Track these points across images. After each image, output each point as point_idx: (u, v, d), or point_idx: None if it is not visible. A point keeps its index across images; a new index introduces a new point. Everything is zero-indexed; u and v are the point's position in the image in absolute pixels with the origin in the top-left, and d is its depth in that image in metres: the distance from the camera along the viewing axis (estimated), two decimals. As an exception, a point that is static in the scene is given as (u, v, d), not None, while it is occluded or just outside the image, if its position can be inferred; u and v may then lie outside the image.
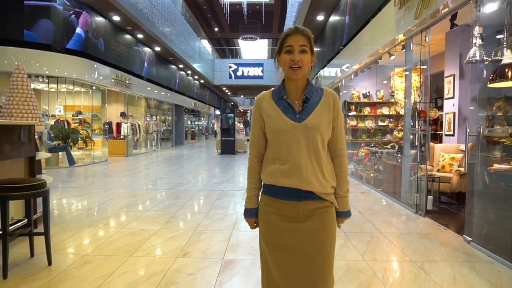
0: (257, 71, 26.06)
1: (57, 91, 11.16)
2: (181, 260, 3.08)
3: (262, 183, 1.59)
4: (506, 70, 3.76)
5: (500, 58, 3.96)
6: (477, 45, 4.32)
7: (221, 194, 6.16)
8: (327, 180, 1.50)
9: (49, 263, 2.93)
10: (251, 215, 1.60)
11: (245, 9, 24.05)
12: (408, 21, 4.86)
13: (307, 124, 1.47)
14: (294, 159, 1.46)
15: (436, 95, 8.55)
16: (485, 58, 4.27)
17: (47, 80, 10.40)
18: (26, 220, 3.33)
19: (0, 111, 3.96)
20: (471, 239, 3.57)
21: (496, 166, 3.82)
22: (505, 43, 3.88)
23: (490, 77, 4.00)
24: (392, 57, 6.74)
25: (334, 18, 10.82)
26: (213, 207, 5.15)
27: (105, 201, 5.46)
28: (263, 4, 24.37)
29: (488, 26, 4.05)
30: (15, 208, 3.73)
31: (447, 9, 4.11)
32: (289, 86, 1.54)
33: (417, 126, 6.48)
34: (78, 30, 9.90)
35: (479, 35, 4.32)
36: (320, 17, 11.50)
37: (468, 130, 3.85)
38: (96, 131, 13.07)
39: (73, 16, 9.75)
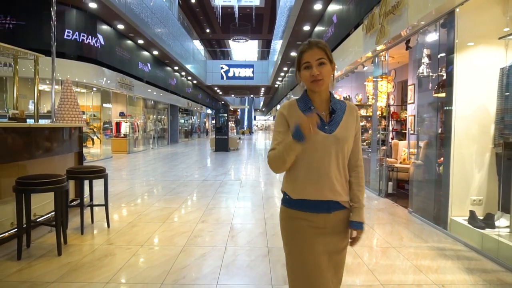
0: (248, 72, 27.18)
1: (59, 92, 12.12)
2: (201, 224, 4.29)
3: (287, 197, 1.55)
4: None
5: (443, 73, 5.23)
6: (425, 63, 5.60)
7: (221, 183, 7.36)
8: (347, 189, 1.57)
9: (108, 226, 4.11)
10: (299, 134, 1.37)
11: (236, 12, 25.17)
12: (372, 44, 6.13)
13: (337, 135, 1.49)
14: (325, 171, 1.48)
15: (407, 99, 9.87)
16: (431, 74, 5.55)
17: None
18: (77, 198, 4.48)
19: (55, 116, 5.08)
20: (412, 210, 4.87)
21: (442, 159, 5.10)
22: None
23: (435, 88, 5.29)
24: (365, 68, 8.02)
25: (319, 28, 12.08)
26: (217, 192, 6.35)
27: (127, 189, 6.61)
28: (254, 7, 25.42)
29: (441, 45, 5.13)
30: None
31: (398, 38, 5.37)
32: (314, 97, 1.55)
33: (390, 126, 7.81)
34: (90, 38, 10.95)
35: (426, 55, 5.60)
36: (306, 27, 12.75)
37: (411, 131, 5.12)
38: (94, 130, 14.06)
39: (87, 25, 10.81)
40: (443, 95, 4.95)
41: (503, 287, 2.70)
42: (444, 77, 5.05)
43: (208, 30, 30.48)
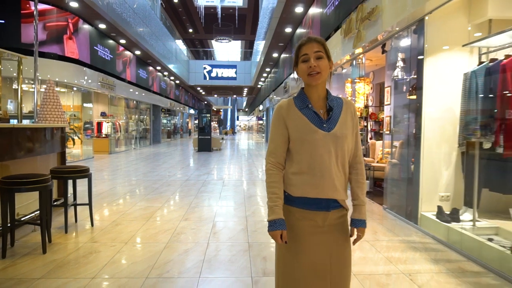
0: (230, 72, 27.25)
1: (39, 92, 11.95)
2: (184, 222, 4.41)
3: (286, 194, 1.54)
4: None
5: (415, 76, 5.49)
6: (400, 67, 5.87)
7: (204, 183, 7.47)
8: (346, 187, 1.56)
9: (92, 224, 4.18)
10: (278, 226, 1.46)
11: (219, 12, 25.23)
12: (349, 47, 6.38)
13: (336, 133, 1.48)
14: (326, 169, 1.46)
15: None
16: (405, 77, 5.82)
17: (32, 82, 11.24)
18: (63, 198, 4.53)
19: (38, 116, 5.09)
20: (386, 207, 5.12)
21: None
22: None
23: (409, 91, 5.55)
24: (344, 70, 8.29)
25: (300, 30, 12.32)
26: (200, 191, 6.47)
27: (109, 189, 6.64)
28: (237, 8, 25.53)
29: (413, 50, 5.37)
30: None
31: (374, 43, 5.63)
32: (311, 94, 1.53)
33: (369, 126, 8.07)
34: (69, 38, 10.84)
35: (401, 59, 5.88)
36: (288, 29, 12.98)
37: (387, 131, 5.36)
38: (75, 130, 13.88)
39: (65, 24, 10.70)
40: (415, 97, 5.23)
41: (462, 275, 2.94)
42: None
43: (191, 30, 30.40)
